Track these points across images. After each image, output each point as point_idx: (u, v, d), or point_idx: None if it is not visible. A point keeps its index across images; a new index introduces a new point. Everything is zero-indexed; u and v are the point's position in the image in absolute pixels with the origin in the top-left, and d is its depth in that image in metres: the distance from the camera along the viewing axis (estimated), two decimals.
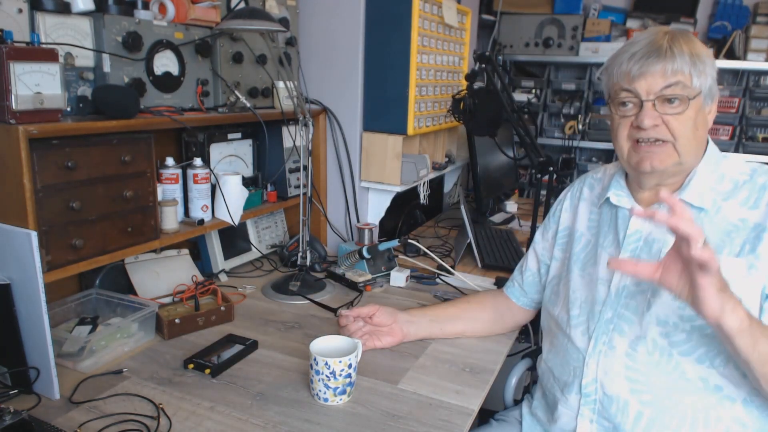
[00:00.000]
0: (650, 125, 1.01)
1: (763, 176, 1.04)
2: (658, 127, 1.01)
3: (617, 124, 1.07)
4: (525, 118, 2.29)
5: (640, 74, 1.00)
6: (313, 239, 1.90)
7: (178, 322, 1.34)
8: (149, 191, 1.37)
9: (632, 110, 1.04)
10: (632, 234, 1.09)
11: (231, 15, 1.38)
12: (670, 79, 0.99)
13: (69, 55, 1.24)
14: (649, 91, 1.00)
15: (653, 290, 1.03)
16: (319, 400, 1.10)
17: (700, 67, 1.00)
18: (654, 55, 0.99)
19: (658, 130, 1.01)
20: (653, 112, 1.01)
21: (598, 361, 1.07)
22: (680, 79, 0.99)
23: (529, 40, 3.34)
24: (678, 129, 1.00)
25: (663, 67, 0.99)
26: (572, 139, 3.29)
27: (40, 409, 1.05)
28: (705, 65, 1.01)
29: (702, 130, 1.04)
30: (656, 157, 1.03)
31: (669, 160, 1.03)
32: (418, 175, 2.05)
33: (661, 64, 0.99)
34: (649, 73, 1.00)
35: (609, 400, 1.05)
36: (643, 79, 1.00)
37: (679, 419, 1.00)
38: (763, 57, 3.01)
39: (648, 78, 1.00)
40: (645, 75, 1.00)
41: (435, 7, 2.00)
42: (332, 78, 1.97)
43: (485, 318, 1.38)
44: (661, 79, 0.99)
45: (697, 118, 1.02)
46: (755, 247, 0.97)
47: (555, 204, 1.33)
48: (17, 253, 1.01)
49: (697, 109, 1.02)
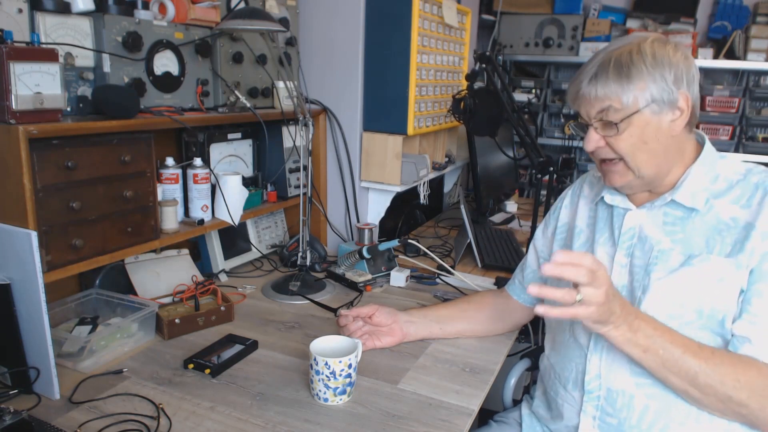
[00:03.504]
0: (592, 148, 1.05)
1: (757, 176, 1.04)
2: (602, 148, 1.05)
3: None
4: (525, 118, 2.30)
5: (576, 99, 1.05)
6: (313, 239, 1.90)
7: (178, 322, 1.34)
8: (149, 191, 1.37)
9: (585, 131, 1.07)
10: (626, 231, 1.10)
11: (231, 15, 1.38)
12: (602, 104, 1.01)
13: (69, 55, 1.24)
14: (588, 116, 1.04)
15: (643, 288, 1.04)
16: (319, 400, 1.10)
17: (635, 83, 0.98)
18: (585, 81, 1.02)
19: (603, 150, 1.05)
20: (595, 135, 1.04)
21: (601, 357, 1.07)
22: (609, 104, 1.00)
23: (529, 40, 3.34)
24: (621, 148, 1.03)
25: (592, 91, 1.01)
26: (572, 139, 3.29)
27: (40, 409, 1.05)
28: (640, 78, 0.98)
29: (657, 142, 1.02)
30: (614, 176, 1.07)
31: (626, 177, 1.06)
32: (418, 175, 2.05)
33: (591, 87, 1.01)
34: (584, 99, 1.03)
35: (615, 395, 1.05)
36: (581, 104, 1.05)
37: (684, 412, 1.00)
38: (763, 57, 3.01)
39: (585, 103, 1.04)
40: (581, 100, 1.04)
41: (435, 7, 2.00)
42: (332, 78, 1.97)
43: (485, 318, 1.38)
44: (593, 103, 1.02)
45: (644, 133, 1.01)
46: (744, 246, 0.98)
47: (556, 201, 1.34)
48: (17, 253, 1.01)
49: (643, 125, 1.00)
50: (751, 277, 0.96)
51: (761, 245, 0.96)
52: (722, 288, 0.97)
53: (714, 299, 0.98)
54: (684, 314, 0.99)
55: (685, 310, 0.99)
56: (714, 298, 0.98)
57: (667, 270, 1.02)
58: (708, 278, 0.99)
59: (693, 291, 0.99)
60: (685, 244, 1.03)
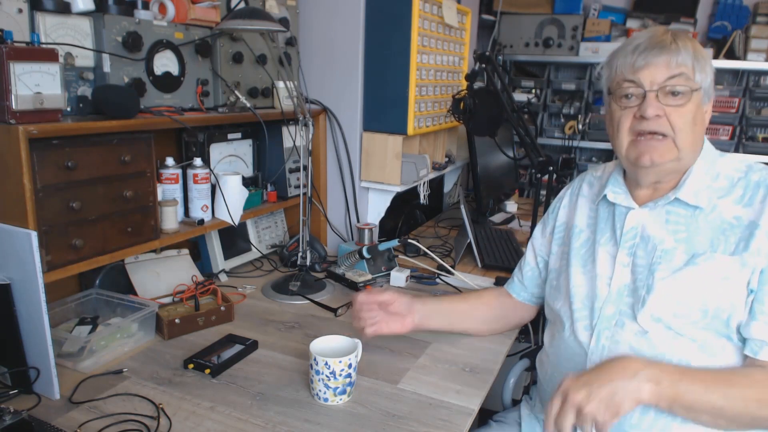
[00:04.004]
0: (653, 115, 1.02)
1: (758, 173, 1.05)
2: (660, 118, 1.02)
3: (618, 116, 1.07)
4: (525, 118, 2.30)
5: (644, 65, 1.02)
6: (313, 239, 1.90)
7: (178, 322, 1.34)
8: (149, 191, 1.37)
9: (635, 102, 1.04)
10: (629, 231, 1.10)
11: (231, 15, 1.38)
12: (674, 70, 1.00)
13: (69, 55, 1.24)
14: (653, 81, 1.02)
15: (647, 287, 1.04)
16: (319, 400, 1.10)
17: (702, 63, 1.02)
18: (658, 47, 1.01)
19: (660, 122, 1.02)
20: (656, 102, 1.02)
21: (602, 356, 1.07)
22: (683, 71, 1.01)
23: (529, 40, 3.34)
24: (678, 122, 1.02)
25: (667, 58, 1.00)
26: (572, 139, 3.29)
27: (40, 409, 1.05)
28: (706, 63, 1.03)
29: (700, 127, 1.06)
30: (656, 152, 1.03)
31: (668, 155, 1.04)
32: (418, 175, 2.05)
33: (666, 55, 1.01)
34: (653, 64, 1.01)
35: None
36: (647, 69, 1.02)
37: None
38: (763, 57, 3.01)
39: (652, 69, 1.01)
40: (649, 65, 1.02)
41: (435, 7, 2.00)
42: (332, 78, 1.97)
43: (491, 317, 1.38)
44: (665, 69, 1.01)
45: (697, 114, 1.03)
46: (749, 244, 0.98)
47: (555, 201, 1.34)
48: (17, 253, 1.01)
49: (697, 105, 1.03)
50: (762, 277, 0.97)
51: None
52: (727, 286, 0.98)
53: (719, 298, 0.98)
54: (689, 313, 0.99)
55: (690, 309, 0.99)
56: (719, 296, 0.98)
57: (671, 269, 1.02)
58: (713, 277, 0.99)
59: (698, 290, 0.99)
60: (688, 243, 1.03)
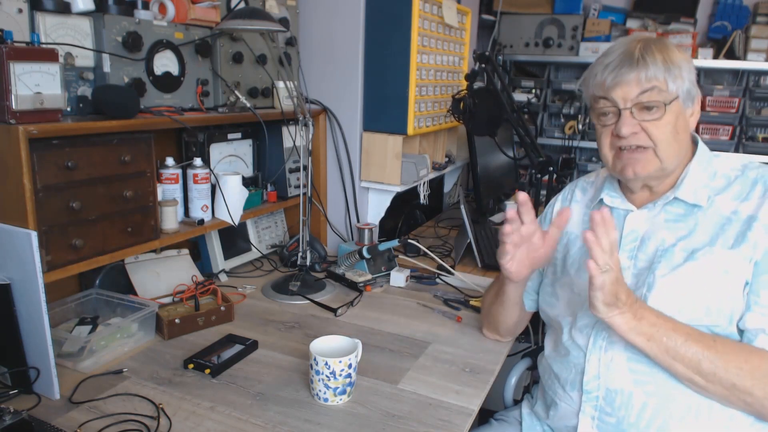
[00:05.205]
0: (629, 133, 1.03)
1: (754, 171, 1.06)
2: (637, 134, 1.03)
3: (600, 132, 1.09)
4: (525, 118, 2.30)
5: (614, 83, 1.03)
6: (313, 239, 1.90)
7: (178, 322, 1.34)
8: (149, 191, 1.37)
9: (611, 119, 1.06)
10: (629, 234, 1.10)
11: (231, 15, 1.38)
12: (645, 85, 1.01)
13: (69, 55, 1.24)
14: (626, 99, 1.02)
15: (648, 285, 1.04)
16: (319, 400, 1.10)
17: (674, 72, 1.01)
18: (626, 64, 1.01)
19: (638, 137, 1.03)
20: (631, 119, 1.02)
21: (600, 357, 1.07)
22: (655, 85, 1.00)
23: (529, 40, 3.34)
24: (657, 135, 1.02)
25: (637, 75, 1.01)
26: (572, 139, 3.29)
27: (40, 409, 1.05)
28: (680, 69, 1.02)
29: (683, 134, 1.05)
30: (638, 164, 1.05)
31: (651, 166, 1.05)
32: (418, 175, 2.05)
33: (635, 72, 1.01)
34: (624, 82, 1.02)
35: (613, 393, 1.05)
36: (618, 88, 1.02)
37: (683, 409, 1.00)
38: (763, 57, 3.01)
39: (624, 86, 1.02)
40: (620, 84, 1.02)
41: (435, 7, 2.00)
42: (332, 78, 1.97)
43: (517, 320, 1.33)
44: (636, 86, 1.01)
45: (677, 123, 1.03)
46: (746, 237, 0.99)
47: (546, 208, 1.34)
48: (17, 253, 1.01)
49: (677, 114, 1.03)
50: (757, 269, 0.97)
51: (765, 237, 0.97)
52: (727, 280, 0.98)
53: (721, 293, 0.98)
54: (692, 311, 0.99)
55: (693, 306, 1.00)
56: (720, 291, 0.98)
57: (671, 267, 1.03)
58: (713, 271, 0.99)
59: (699, 285, 1.00)
60: (688, 240, 1.03)
